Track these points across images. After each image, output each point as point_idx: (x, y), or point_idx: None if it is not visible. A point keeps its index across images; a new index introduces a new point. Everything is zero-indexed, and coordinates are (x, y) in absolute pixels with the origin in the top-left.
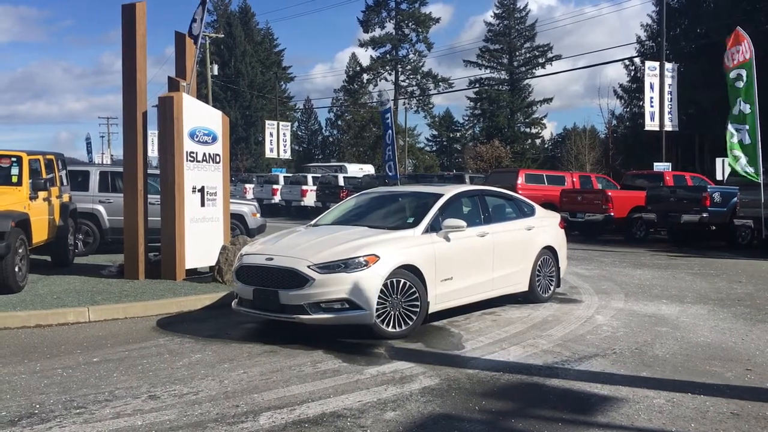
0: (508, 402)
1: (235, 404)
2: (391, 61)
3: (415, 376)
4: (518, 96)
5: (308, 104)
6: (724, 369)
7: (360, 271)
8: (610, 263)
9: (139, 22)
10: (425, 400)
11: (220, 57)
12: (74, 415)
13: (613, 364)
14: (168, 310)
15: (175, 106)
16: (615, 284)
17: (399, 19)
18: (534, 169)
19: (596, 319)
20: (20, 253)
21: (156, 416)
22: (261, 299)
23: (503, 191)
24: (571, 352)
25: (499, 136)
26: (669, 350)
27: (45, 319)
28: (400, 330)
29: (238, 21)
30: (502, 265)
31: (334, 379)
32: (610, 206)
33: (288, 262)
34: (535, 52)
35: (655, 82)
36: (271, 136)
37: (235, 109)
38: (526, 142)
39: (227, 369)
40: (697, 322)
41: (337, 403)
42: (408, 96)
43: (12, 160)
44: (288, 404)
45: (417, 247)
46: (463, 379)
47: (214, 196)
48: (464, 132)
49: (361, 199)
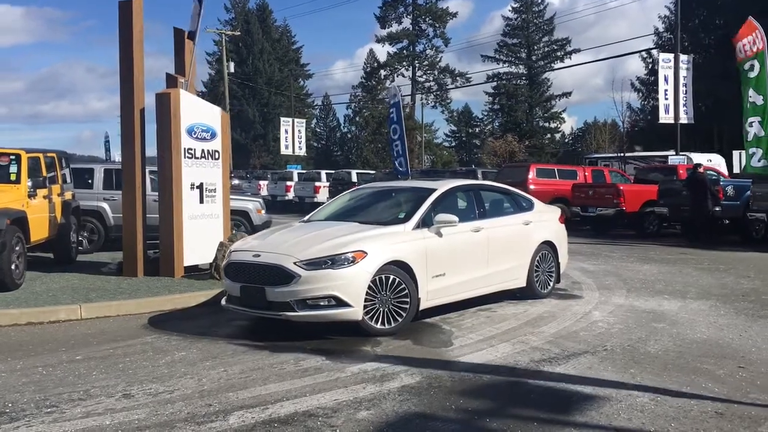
0: (487, 401)
1: (208, 403)
2: (408, 56)
3: (396, 374)
4: (537, 90)
5: (326, 101)
6: (716, 366)
7: (347, 268)
8: (617, 258)
9: (136, 19)
10: (402, 398)
11: (238, 55)
12: (44, 414)
13: (601, 361)
14: (162, 307)
15: (172, 103)
16: (619, 279)
17: (416, 14)
18: (552, 164)
19: (593, 315)
20: (17, 250)
21: (126, 416)
22: (248, 296)
23: (500, 186)
24: (560, 349)
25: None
26: (662, 347)
27: (37, 317)
28: (389, 327)
29: (256, 18)
30: (498, 261)
31: (314, 378)
32: (622, 200)
33: (274, 258)
34: (553, 45)
35: (670, 74)
36: (286, 133)
37: (252, 106)
38: (545, 136)
39: (208, 367)
40: (696, 318)
41: (312, 402)
42: (425, 91)
43: (11, 158)
44: (261, 403)
45: (407, 242)
46: (445, 377)
47: (214, 192)
48: (483, 127)
49: (356, 195)
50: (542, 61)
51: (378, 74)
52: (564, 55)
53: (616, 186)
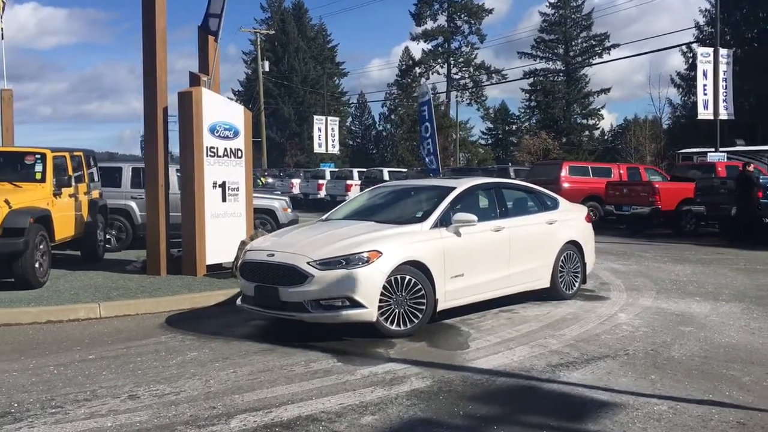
0: (497, 407)
1: (212, 406)
2: (444, 53)
3: (407, 378)
4: (574, 87)
5: (362, 99)
6: (743, 373)
7: (361, 268)
8: (650, 258)
9: (159, 17)
10: (410, 403)
11: (274, 53)
12: (48, 414)
13: (621, 366)
14: (180, 306)
15: (194, 102)
16: (649, 280)
17: (451, 11)
18: (589, 161)
19: (618, 318)
20: (41, 249)
21: (128, 417)
22: (262, 296)
23: (523, 184)
24: (580, 353)
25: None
26: (687, 352)
27: (56, 315)
28: (405, 328)
29: (292, 17)
30: (520, 261)
31: (322, 380)
32: (657, 198)
33: (288, 258)
34: (591, 41)
35: (709, 69)
36: (319, 131)
37: (288, 104)
38: (583, 133)
39: (218, 368)
40: (726, 321)
41: (317, 406)
42: (460, 89)
43: (36, 158)
44: (266, 406)
45: (424, 242)
46: (456, 381)
47: (236, 191)
48: (520, 124)
49: (375, 193)
50: (580, 57)
51: (413, 72)
52: (602, 51)
53: (652, 184)
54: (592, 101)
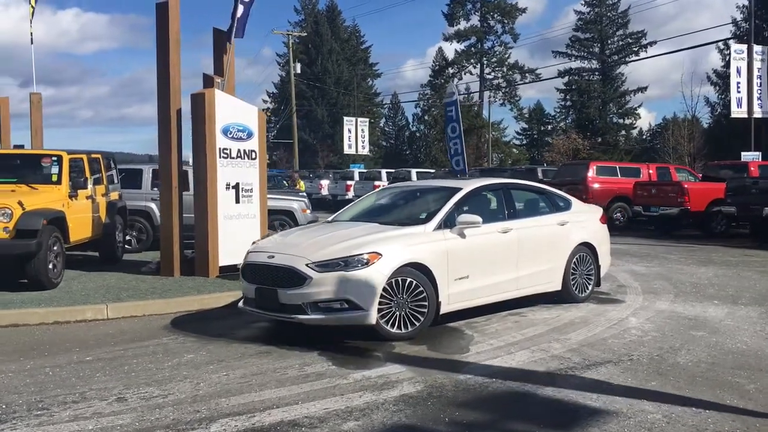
0: (485, 413)
1: (196, 409)
2: (476, 53)
3: (399, 382)
4: (610, 86)
5: (395, 100)
6: (748, 380)
7: (360, 270)
8: (674, 260)
9: (172, 20)
10: (396, 409)
11: (308, 55)
12: (33, 417)
13: (622, 372)
14: (188, 307)
15: (207, 103)
16: (669, 283)
17: (484, 11)
18: (624, 161)
19: (628, 322)
20: (55, 250)
21: (111, 420)
22: (262, 298)
23: (534, 185)
24: (582, 357)
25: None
26: (694, 358)
27: (63, 316)
28: (406, 331)
29: (325, 19)
30: (529, 263)
31: (313, 384)
32: (686, 199)
33: (287, 260)
34: (628, 39)
35: (743, 66)
36: (349, 132)
37: (321, 106)
38: (619, 133)
39: (211, 371)
40: (741, 326)
41: (302, 411)
42: (494, 89)
43: (52, 160)
44: (250, 410)
45: (426, 244)
46: (449, 385)
47: (250, 192)
48: (556, 124)
49: (382, 194)
50: (616, 55)
51: (446, 72)
52: (639, 49)
53: (680, 184)
54: (628, 100)
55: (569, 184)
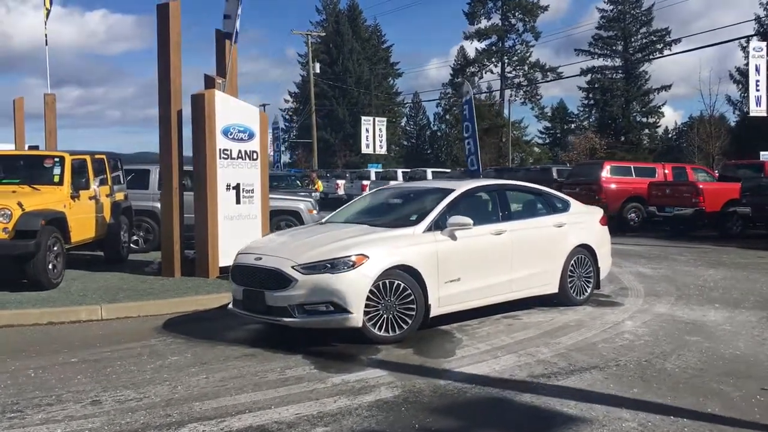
0: (458, 420)
1: (168, 413)
2: (497, 52)
3: (376, 387)
4: (633, 84)
5: (416, 99)
6: (735, 388)
7: (346, 272)
8: (683, 262)
9: (173, 22)
10: (368, 415)
11: (329, 55)
12: (6, 419)
13: (606, 378)
14: (184, 308)
15: (207, 104)
16: (673, 285)
17: (505, 9)
18: (648, 161)
19: (623, 326)
20: (55, 250)
21: (80, 424)
22: (249, 300)
23: (531, 186)
24: (568, 362)
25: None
26: (683, 364)
27: (58, 317)
28: (394, 335)
29: (346, 19)
30: (524, 266)
31: (290, 388)
32: (701, 199)
33: (274, 262)
34: (651, 37)
35: (762, 64)
36: (367, 132)
37: (342, 106)
38: (643, 132)
39: (192, 373)
40: (738, 331)
41: (273, 415)
42: (514, 87)
43: (54, 161)
44: (221, 415)
45: (415, 246)
46: (427, 391)
47: (251, 193)
48: (579, 123)
49: (377, 195)
50: (639, 53)
51: (466, 71)
52: (663, 47)
53: (695, 184)
54: (652, 99)
55: (583, 184)
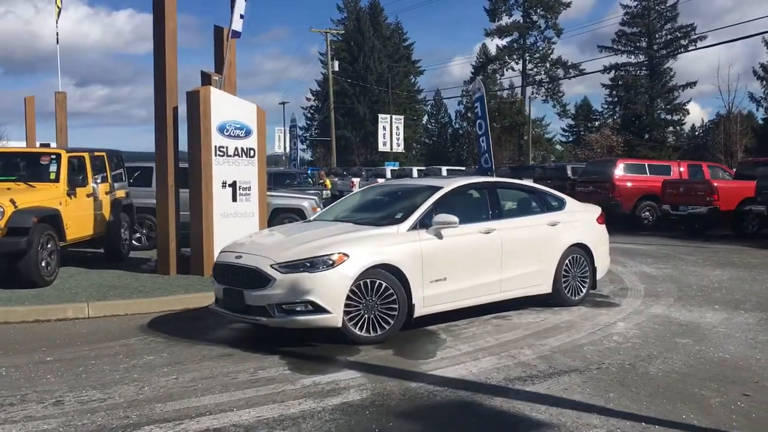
0: (421, 424)
1: (127, 415)
2: (519, 49)
3: (347, 389)
4: (658, 81)
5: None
6: (716, 393)
7: (325, 271)
8: (691, 262)
9: (168, 18)
10: (329, 418)
11: (350, 53)
12: None
13: (584, 382)
14: (172, 307)
15: (202, 101)
16: (676, 286)
17: (527, 5)
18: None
19: (615, 327)
20: (48, 248)
21: (37, 425)
22: (230, 299)
23: (524, 184)
24: (548, 365)
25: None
26: (667, 367)
27: (44, 315)
28: (375, 335)
29: (367, 17)
30: (515, 265)
31: (258, 390)
32: (715, 198)
33: (253, 260)
34: (676, 33)
35: None
36: (384, 130)
37: (363, 104)
38: (667, 129)
39: (164, 373)
40: (733, 333)
41: (233, 418)
42: (536, 85)
43: (51, 158)
44: (181, 417)
45: (399, 245)
46: (396, 393)
47: (248, 190)
48: (603, 121)
49: (366, 193)
50: (664, 50)
51: (488, 69)
52: (689, 43)
53: (709, 182)
54: (677, 96)
55: (596, 182)
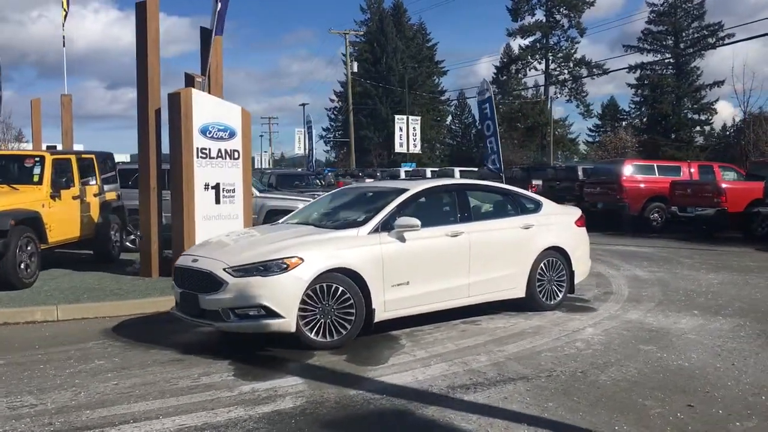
0: None
1: (51, 422)
2: (541, 49)
3: (282, 396)
4: (685, 80)
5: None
6: (660, 403)
7: (277, 275)
8: (687, 265)
9: (151, 20)
10: (253, 426)
11: (372, 54)
12: None
13: (526, 391)
14: (143, 310)
15: (183, 103)
16: (662, 290)
17: (550, 5)
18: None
19: (581, 333)
20: (27, 250)
21: None
22: (186, 303)
23: (497, 186)
24: (498, 372)
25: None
26: (619, 376)
27: (13, 318)
28: (331, 340)
29: (390, 18)
30: (485, 269)
31: (192, 396)
32: (723, 199)
33: (207, 264)
34: (704, 31)
35: None
36: (400, 131)
37: (386, 105)
38: (694, 129)
39: (106, 379)
40: (701, 341)
41: (155, 426)
42: (559, 84)
43: (35, 160)
44: (104, 424)
45: (357, 248)
46: (331, 401)
47: (232, 193)
48: (630, 121)
49: (336, 196)
50: (691, 48)
51: (510, 69)
52: (716, 42)
53: (716, 183)
54: (704, 95)
55: (603, 183)
